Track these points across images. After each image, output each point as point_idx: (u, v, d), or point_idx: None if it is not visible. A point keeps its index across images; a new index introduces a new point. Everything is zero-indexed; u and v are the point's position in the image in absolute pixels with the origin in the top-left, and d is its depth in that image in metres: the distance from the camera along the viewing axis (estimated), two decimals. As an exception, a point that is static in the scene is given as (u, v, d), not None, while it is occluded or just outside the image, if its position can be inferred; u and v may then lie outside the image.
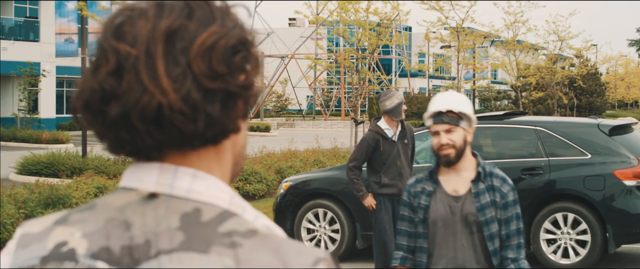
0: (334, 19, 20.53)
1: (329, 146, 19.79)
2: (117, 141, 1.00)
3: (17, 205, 9.30)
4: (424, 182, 3.42)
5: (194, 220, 0.96)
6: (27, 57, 31.15)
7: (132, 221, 0.97)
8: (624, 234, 7.92)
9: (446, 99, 3.34)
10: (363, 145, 7.03)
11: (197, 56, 0.96)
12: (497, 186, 3.33)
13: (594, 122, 8.56)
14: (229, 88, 0.98)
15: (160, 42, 0.96)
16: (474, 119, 3.34)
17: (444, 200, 3.34)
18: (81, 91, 1.00)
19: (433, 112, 3.32)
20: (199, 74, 0.96)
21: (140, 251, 0.94)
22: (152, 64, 0.96)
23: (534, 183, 8.18)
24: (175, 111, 0.96)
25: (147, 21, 0.98)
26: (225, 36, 0.98)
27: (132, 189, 1.01)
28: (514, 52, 30.47)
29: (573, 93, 42.28)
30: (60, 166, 14.68)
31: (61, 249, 0.97)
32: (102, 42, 0.99)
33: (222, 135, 1.01)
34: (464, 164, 3.33)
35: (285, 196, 8.94)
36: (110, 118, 0.97)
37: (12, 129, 27.25)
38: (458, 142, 3.28)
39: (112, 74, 0.97)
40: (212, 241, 0.94)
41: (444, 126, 3.29)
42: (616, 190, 7.91)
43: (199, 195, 0.99)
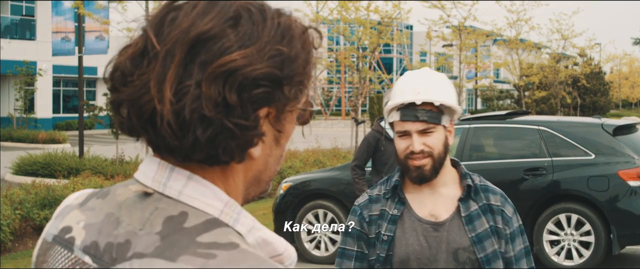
0: (334, 17, 20.44)
1: (329, 146, 19.71)
2: (123, 122, 0.99)
3: (13, 206, 9.21)
4: (382, 201, 2.34)
5: (176, 225, 0.94)
6: (23, 56, 31.13)
7: (122, 219, 0.97)
8: (628, 235, 7.85)
9: (420, 83, 2.28)
10: (364, 144, 7.07)
11: (211, 76, 0.91)
12: (497, 206, 2.30)
13: (597, 121, 8.49)
14: (224, 123, 0.92)
15: (184, 48, 0.92)
16: (458, 110, 2.33)
17: (418, 229, 2.28)
18: (110, 63, 0.99)
19: (399, 103, 2.27)
20: (205, 94, 0.91)
21: (118, 251, 0.95)
22: (167, 68, 0.92)
23: (537, 184, 8.09)
24: (164, 122, 0.93)
25: (190, 18, 0.94)
26: (251, 66, 0.92)
27: (137, 182, 1.01)
28: (516, 51, 30.36)
29: (576, 92, 42.18)
30: (57, 166, 14.60)
31: (65, 235, 1.02)
32: (144, 25, 0.98)
33: (214, 161, 0.96)
34: (442, 177, 2.32)
35: (284, 196, 8.89)
36: (118, 100, 0.97)
37: (8, 129, 27.19)
38: (437, 148, 2.26)
39: (134, 58, 0.95)
40: (185, 250, 0.91)
41: (417, 126, 2.25)
42: (620, 191, 7.84)
43: (189, 199, 0.96)
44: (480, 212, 2.29)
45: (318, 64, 1.07)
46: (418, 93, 2.26)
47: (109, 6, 15.35)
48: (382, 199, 2.35)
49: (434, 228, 2.28)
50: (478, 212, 2.28)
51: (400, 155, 2.31)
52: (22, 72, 29.41)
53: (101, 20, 14.13)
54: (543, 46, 34.91)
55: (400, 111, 2.29)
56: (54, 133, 26.07)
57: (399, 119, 2.29)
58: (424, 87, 2.27)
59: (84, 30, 15.60)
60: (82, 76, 15.58)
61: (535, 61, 34.59)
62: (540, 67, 32.96)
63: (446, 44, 30.00)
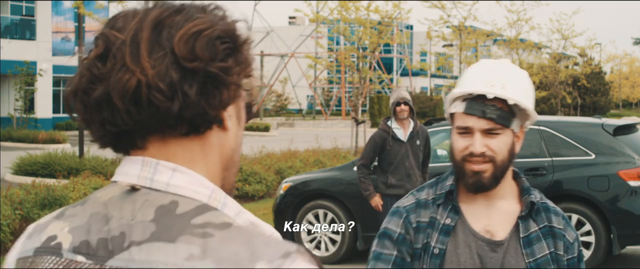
0: (334, 17, 20.44)
1: (329, 146, 19.70)
2: (100, 122, 1.03)
3: (13, 206, 9.19)
4: (432, 208, 2.02)
5: (168, 212, 0.99)
6: (23, 56, 31.11)
7: (111, 214, 1.02)
8: (629, 236, 7.84)
9: (496, 75, 1.95)
10: (370, 143, 7.09)
11: (181, 41, 1.00)
12: (559, 229, 2.01)
13: (598, 121, 8.48)
14: (208, 69, 1.00)
15: (147, 29, 1.01)
16: (533, 116, 2.01)
17: (472, 246, 1.97)
18: (72, 79, 1.06)
19: (466, 93, 1.95)
20: (180, 56, 1.00)
21: (114, 243, 0.99)
22: (136, 47, 1.00)
23: (537, 184, 8.08)
24: (152, 88, 0.99)
25: (140, 13, 1.04)
26: (211, 27, 1.02)
27: (118, 183, 1.06)
28: (516, 51, 30.35)
29: (577, 92, 42.18)
30: (57, 166, 14.57)
31: (50, 243, 1.04)
32: (97, 33, 1.06)
33: (202, 120, 1.03)
34: (502, 189, 2.00)
35: (285, 196, 8.87)
36: (94, 98, 1.02)
37: (8, 129, 27.17)
38: (501, 153, 1.95)
39: (99, 57, 1.02)
40: (182, 232, 0.97)
41: (483, 123, 1.94)
42: (620, 191, 7.83)
43: (177, 189, 1.02)
44: (541, 235, 1.98)
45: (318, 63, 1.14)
46: (492, 86, 1.92)
47: (109, 6, 15.35)
48: (431, 204, 2.02)
49: (491, 247, 1.96)
50: (538, 235, 1.98)
51: (457, 155, 1.98)
52: (22, 72, 29.39)
53: (101, 20, 14.09)
54: (543, 46, 34.91)
55: (465, 102, 1.95)
56: (54, 133, 26.03)
57: (463, 111, 1.95)
58: (500, 80, 1.94)
59: (84, 30, 15.58)
60: (82, 76, 15.52)
61: (535, 61, 34.58)
62: (540, 67, 32.96)
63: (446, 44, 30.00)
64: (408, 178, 6.98)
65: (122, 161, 1.08)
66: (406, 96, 7.11)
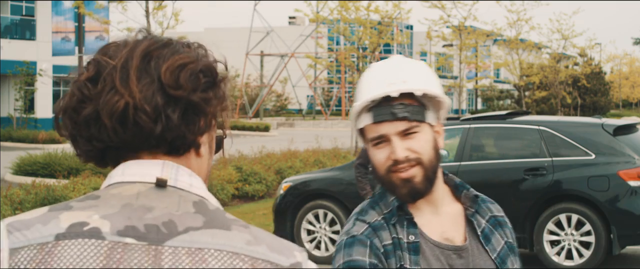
0: (334, 17, 20.44)
1: (329, 146, 19.69)
2: (87, 137, 1.12)
3: (13, 206, 9.19)
4: (389, 228, 1.80)
5: (204, 208, 1.12)
6: (23, 56, 31.10)
7: (151, 205, 1.10)
8: (629, 236, 7.84)
9: (393, 72, 1.80)
10: None
11: (167, 71, 1.11)
12: (501, 217, 1.92)
13: (598, 121, 8.48)
14: (190, 98, 1.11)
15: (137, 58, 1.12)
16: (446, 103, 1.86)
17: (441, 257, 1.82)
18: (62, 98, 1.15)
19: (368, 101, 1.77)
20: (166, 84, 1.10)
21: (167, 228, 1.07)
22: (126, 73, 1.10)
23: (537, 184, 8.08)
24: (139, 110, 1.09)
25: (130, 45, 1.15)
26: (195, 61, 1.14)
27: (134, 182, 1.13)
28: (516, 50, 30.36)
29: (577, 92, 42.17)
30: (57, 166, 14.58)
31: (82, 228, 1.07)
32: (89, 58, 1.16)
33: (181, 143, 1.14)
34: (439, 191, 1.85)
35: (285, 196, 8.87)
36: (83, 116, 1.11)
37: (8, 129, 27.17)
38: (426, 152, 1.78)
39: (90, 80, 1.12)
40: (229, 223, 1.11)
41: (397, 126, 1.76)
42: (620, 191, 7.82)
43: (198, 190, 1.15)
44: (491, 227, 1.87)
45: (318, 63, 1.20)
46: (392, 84, 1.75)
47: (109, 6, 15.35)
48: (386, 225, 1.81)
49: (457, 253, 1.81)
50: (489, 227, 1.87)
51: (381, 169, 1.79)
52: (22, 72, 29.39)
53: (101, 20, 14.12)
54: (543, 46, 34.91)
55: (371, 112, 1.78)
56: (54, 133, 26.00)
57: (371, 122, 1.78)
58: (398, 76, 1.78)
59: (84, 30, 15.60)
60: (82, 76, 15.51)
61: (535, 61, 34.57)
62: (540, 67, 32.95)
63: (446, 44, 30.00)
64: (407, 178, 6.99)
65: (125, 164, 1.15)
66: None
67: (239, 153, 15.71)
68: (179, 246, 1.06)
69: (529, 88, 36.62)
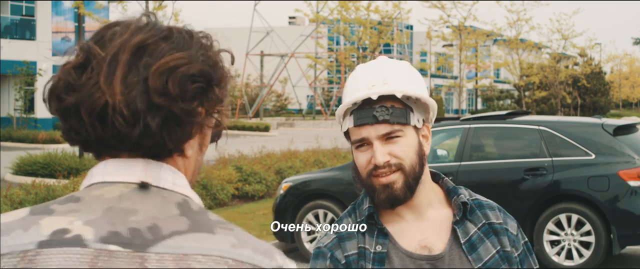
0: (334, 17, 20.44)
1: (329, 146, 19.68)
2: (68, 128, 1.09)
3: (13, 206, 9.19)
4: (357, 237, 1.78)
5: (188, 209, 1.07)
6: (23, 56, 31.10)
7: (134, 208, 1.05)
8: (629, 236, 7.84)
9: (375, 73, 1.77)
10: None
11: (155, 73, 1.05)
12: (499, 224, 1.82)
13: (598, 121, 8.47)
14: (172, 108, 1.05)
15: (128, 52, 1.06)
16: (432, 105, 1.80)
17: (411, 267, 1.76)
18: (51, 79, 1.10)
19: (350, 104, 1.76)
20: (151, 88, 1.04)
21: (152, 233, 1.03)
22: (113, 68, 1.05)
23: (537, 184, 8.08)
24: (116, 112, 1.04)
25: (128, 32, 1.08)
26: (188, 64, 1.06)
27: (116, 182, 1.08)
28: (516, 51, 30.36)
29: (577, 92, 42.17)
30: (57, 166, 14.57)
31: (64, 236, 1.02)
32: (81, 43, 1.11)
33: (161, 150, 1.09)
34: (424, 196, 1.80)
35: (285, 196, 8.87)
36: (64, 105, 1.07)
37: (8, 129, 27.17)
38: (408, 158, 1.74)
39: (76, 68, 1.07)
40: (213, 225, 1.06)
41: (378, 129, 1.73)
42: (620, 191, 7.82)
43: (181, 188, 1.10)
44: (482, 235, 1.78)
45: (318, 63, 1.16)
46: (373, 86, 1.73)
47: (109, 6, 15.34)
48: (355, 234, 1.78)
49: (431, 263, 1.75)
50: (479, 235, 1.78)
51: (362, 173, 1.76)
52: (22, 72, 29.40)
53: (101, 20, 14.12)
54: (543, 46, 34.91)
55: (353, 115, 1.75)
56: (54, 133, 26.02)
57: (353, 125, 1.74)
58: (379, 77, 1.75)
59: (84, 30, 15.58)
60: (82, 75, 15.52)
61: (535, 61, 34.57)
62: (540, 67, 32.95)
63: (446, 44, 30.01)
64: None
65: (104, 163, 1.10)
66: None
67: (239, 153, 15.70)
68: (164, 253, 1.01)
69: (529, 88, 36.61)
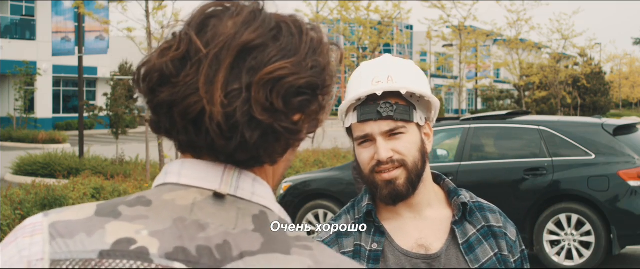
0: (334, 17, 20.42)
1: (329, 146, 19.70)
2: (157, 123, 1.00)
3: (13, 206, 9.19)
4: (354, 235, 1.80)
5: (265, 224, 0.98)
6: (23, 56, 31.13)
7: (205, 221, 0.96)
8: (629, 236, 7.84)
9: (380, 70, 1.79)
10: None
11: (261, 82, 0.95)
12: (498, 227, 1.82)
13: (598, 121, 8.48)
14: (274, 126, 0.97)
15: (232, 53, 0.96)
16: (435, 103, 1.82)
17: (406, 266, 1.76)
18: (144, 64, 1.00)
19: (354, 99, 1.78)
20: (254, 99, 0.95)
21: (221, 252, 0.93)
22: (214, 70, 0.95)
23: (537, 184, 8.08)
24: (214, 123, 0.95)
25: (234, 25, 0.97)
26: (296, 74, 0.97)
27: (191, 186, 0.99)
28: (516, 51, 30.35)
29: (577, 92, 42.17)
30: (57, 166, 14.58)
31: (129, 247, 0.94)
32: (183, 29, 0.99)
33: (254, 162, 1.00)
34: (424, 196, 1.81)
35: (284, 196, 8.88)
36: (157, 101, 0.98)
37: (8, 129, 27.19)
38: (411, 154, 1.76)
39: (175, 61, 0.97)
40: (290, 243, 0.96)
41: (382, 125, 1.75)
42: (620, 191, 7.82)
43: (260, 199, 1.00)
44: (481, 237, 1.79)
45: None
46: (377, 82, 1.74)
47: (109, 6, 15.34)
48: (353, 231, 1.81)
49: (427, 262, 1.75)
50: (478, 237, 1.78)
51: (365, 169, 1.77)
52: (22, 72, 29.41)
53: (101, 20, 14.10)
54: (543, 46, 34.91)
55: (357, 110, 1.77)
56: (54, 133, 26.05)
57: (357, 121, 1.77)
58: (384, 74, 1.76)
59: (84, 30, 15.58)
60: (82, 76, 15.56)
61: (535, 61, 34.57)
62: (540, 67, 32.94)
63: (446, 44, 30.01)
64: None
65: (181, 162, 1.02)
66: None
67: (239, 153, 15.73)
68: None
69: (529, 88, 36.61)
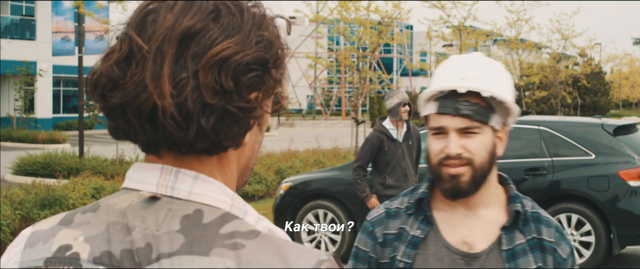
0: (334, 17, 20.42)
1: (329, 146, 19.69)
2: (115, 128, 1.00)
3: (13, 206, 9.18)
4: (403, 218, 1.85)
5: (195, 222, 0.96)
6: (23, 56, 31.13)
7: (133, 224, 0.97)
8: (629, 236, 7.84)
9: (467, 67, 1.79)
10: (367, 145, 7.02)
11: (207, 66, 0.94)
12: (549, 242, 1.80)
13: (598, 121, 8.47)
14: (227, 107, 0.95)
15: (174, 44, 0.95)
16: (515, 111, 1.82)
17: (445, 259, 1.79)
18: (93, 72, 1.00)
19: (437, 91, 1.79)
20: (203, 84, 0.94)
21: (141, 255, 0.95)
22: (159, 64, 0.94)
23: (537, 184, 8.08)
24: (167, 115, 0.94)
25: (172, 16, 0.96)
26: (242, 52, 0.96)
27: (134, 190, 1.01)
28: (516, 51, 30.34)
29: (577, 92, 42.17)
30: (57, 166, 14.57)
31: (65, 253, 0.98)
32: (124, 29, 0.99)
33: (216, 149, 0.99)
34: (485, 196, 1.82)
35: (285, 196, 8.87)
36: (110, 105, 0.97)
37: (8, 129, 27.18)
38: (480, 155, 1.77)
39: (120, 62, 0.96)
40: (213, 243, 0.94)
41: (457, 122, 1.76)
42: (620, 191, 7.82)
43: (200, 197, 0.98)
44: (528, 248, 1.77)
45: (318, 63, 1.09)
46: (463, 79, 1.75)
47: (109, 6, 15.34)
48: (402, 214, 1.85)
49: (465, 260, 1.77)
50: (524, 248, 1.77)
51: (433, 159, 1.79)
52: (22, 72, 29.40)
53: (101, 20, 14.11)
54: (543, 46, 34.90)
55: (438, 102, 1.78)
56: (54, 133, 26.03)
57: (435, 112, 1.78)
58: (472, 73, 1.75)
59: (84, 30, 15.58)
60: (82, 76, 15.56)
61: (535, 61, 34.56)
62: (540, 67, 32.93)
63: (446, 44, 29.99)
64: (405, 178, 6.97)
65: (134, 165, 1.03)
66: (407, 97, 7.14)
67: (239, 153, 15.71)
68: None
69: (529, 88, 36.60)
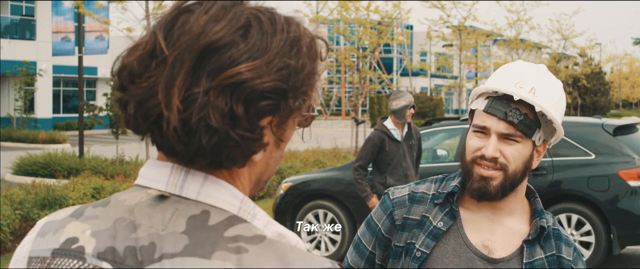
0: (334, 17, 20.42)
1: (329, 146, 19.70)
2: (128, 119, 0.99)
3: (13, 206, 9.18)
4: (428, 205, 1.84)
5: (200, 223, 0.95)
6: (23, 56, 31.13)
7: (139, 222, 0.97)
8: (629, 236, 7.83)
9: (528, 77, 1.77)
10: (368, 144, 7.01)
11: (220, 86, 0.92)
12: (567, 261, 1.82)
13: (598, 121, 8.47)
14: (230, 134, 0.93)
15: (195, 55, 0.93)
16: (560, 132, 1.81)
17: (463, 256, 1.78)
18: (118, 61, 0.99)
19: (491, 90, 1.77)
20: (212, 104, 0.92)
21: (144, 254, 0.94)
22: (175, 74, 0.93)
23: (537, 184, 8.08)
24: (170, 127, 0.93)
25: (202, 22, 0.94)
26: (259, 78, 0.93)
27: (145, 187, 1.01)
28: (516, 51, 30.35)
29: (577, 92, 42.18)
30: (57, 166, 14.57)
31: (71, 246, 0.99)
32: (154, 25, 0.98)
33: (218, 165, 0.97)
34: (511, 204, 1.82)
35: (284, 196, 8.87)
36: (125, 98, 0.97)
37: (8, 129, 27.18)
38: (515, 164, 1.76)
39: (142, 59, 0.95)
40: (216, 246, 0.93)
41: (502, 126, 1.75)
42: (620, 191, 7.82)
43: (208, 198, 0.98)
44: (547, 264, 1.78)
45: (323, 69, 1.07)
46: (520, 87, 1.73)
47: (109, 6, 15.33)
48: (428, 201, 1.84)
49: (483, 262, 1.77)
50: (544, 263, 1.78)
51: (467, 155, 1.79)
52: (22, 72, 29.41)
53: (101, 20, 14.10)
54: (543, 46, 34.92)
55: (488, 100, 1.77)
56: (54, 133, 26.03)
57: (483, 110, 1.77)
58: (530, 83, 1.74)
59: (84, 30, 15.57)
60: (82, 76, 15.57)
61: (535, 61, 34.58)
62: (540, 67, 32.93)
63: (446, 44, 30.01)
64: (405, 178, 6.97)
65: (147, 162, 1.03)
66: (413, 100, 7.13)
67: (239, 153, 15.73)
68: None
69: (529, 88, 36.59)
